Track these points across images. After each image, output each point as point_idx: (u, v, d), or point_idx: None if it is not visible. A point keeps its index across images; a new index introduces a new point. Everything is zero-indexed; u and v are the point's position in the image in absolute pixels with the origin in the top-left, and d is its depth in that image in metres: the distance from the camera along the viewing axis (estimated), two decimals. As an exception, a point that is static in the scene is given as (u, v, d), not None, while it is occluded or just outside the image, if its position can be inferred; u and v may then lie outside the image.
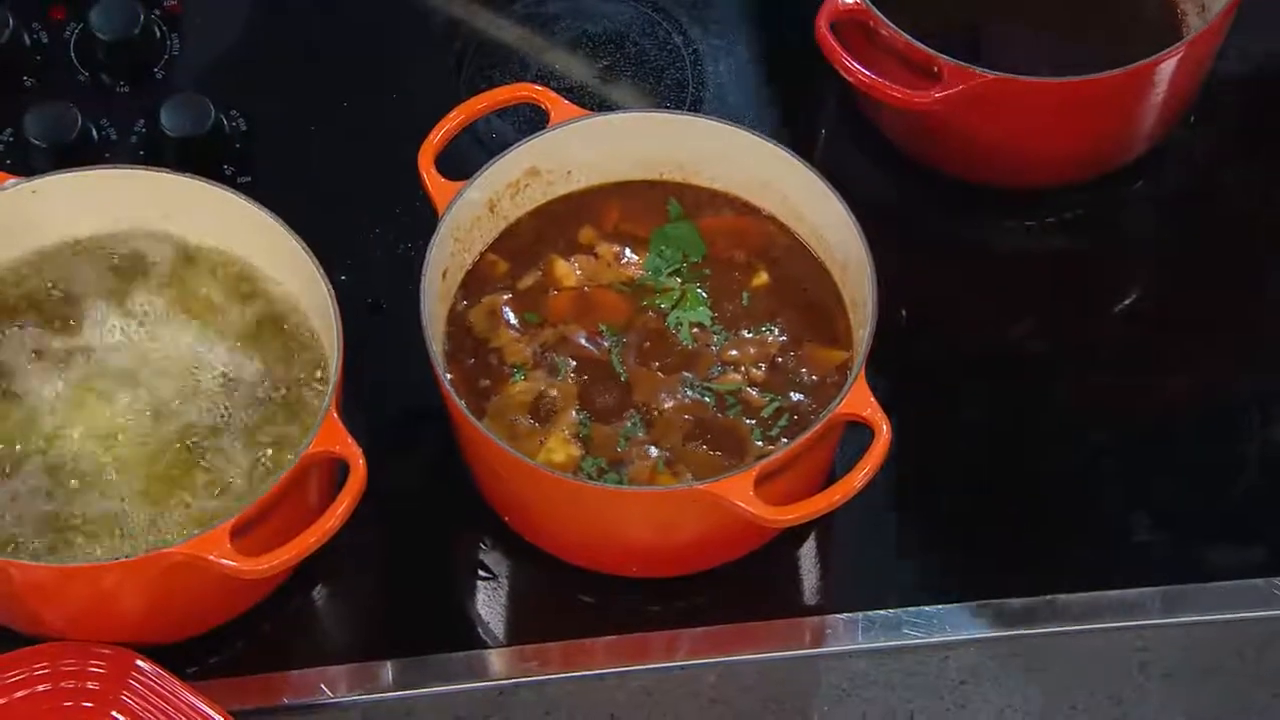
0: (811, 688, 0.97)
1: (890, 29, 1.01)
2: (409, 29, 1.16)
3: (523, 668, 0.97)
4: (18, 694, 0.92)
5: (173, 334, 0.98)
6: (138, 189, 0.99)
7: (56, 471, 0.94)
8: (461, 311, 1.00)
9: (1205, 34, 1.02)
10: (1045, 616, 0.98)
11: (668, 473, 0.95)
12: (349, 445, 0.90)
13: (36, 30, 1.14)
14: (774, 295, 1.00)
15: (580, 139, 1.01)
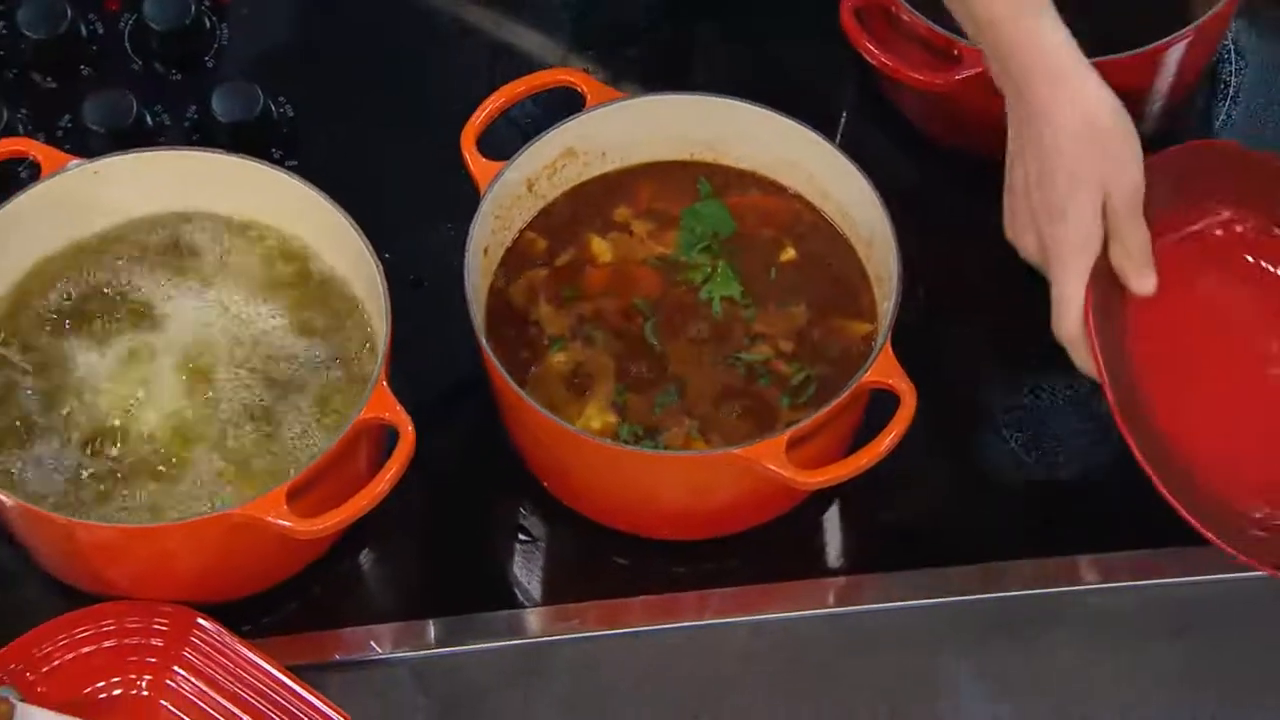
0: (835, 644, 0.97)
1: (911, 14, 1.01)
2: (446, 19, 1.15)
3: (561, 626, 0.97)
4: (85, 649, 0.92)
5: (226, 307, 0.98)
6: (194, 170, 0.99)
7: (118, 438, 0.94)
8: (502, 287, 1.00)
9: (1211, 20, 1.02)
10: (1059, 576, 0.97)
11: (700, 439, 0.95)
12: (398, 412, 0.90)
13: (93, 21, 1.14)
14: (801, 270, 1.00)
15: (614, 121, 1.01)
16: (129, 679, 0.92)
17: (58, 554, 0.95)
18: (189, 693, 0.92)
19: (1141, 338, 0.97)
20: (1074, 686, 0.95)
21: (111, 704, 0.92)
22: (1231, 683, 0.95)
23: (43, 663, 0.91)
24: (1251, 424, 0.98)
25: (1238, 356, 1.00)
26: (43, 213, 0.97)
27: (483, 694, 0.95)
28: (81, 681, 0.92)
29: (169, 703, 0.92)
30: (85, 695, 0.92)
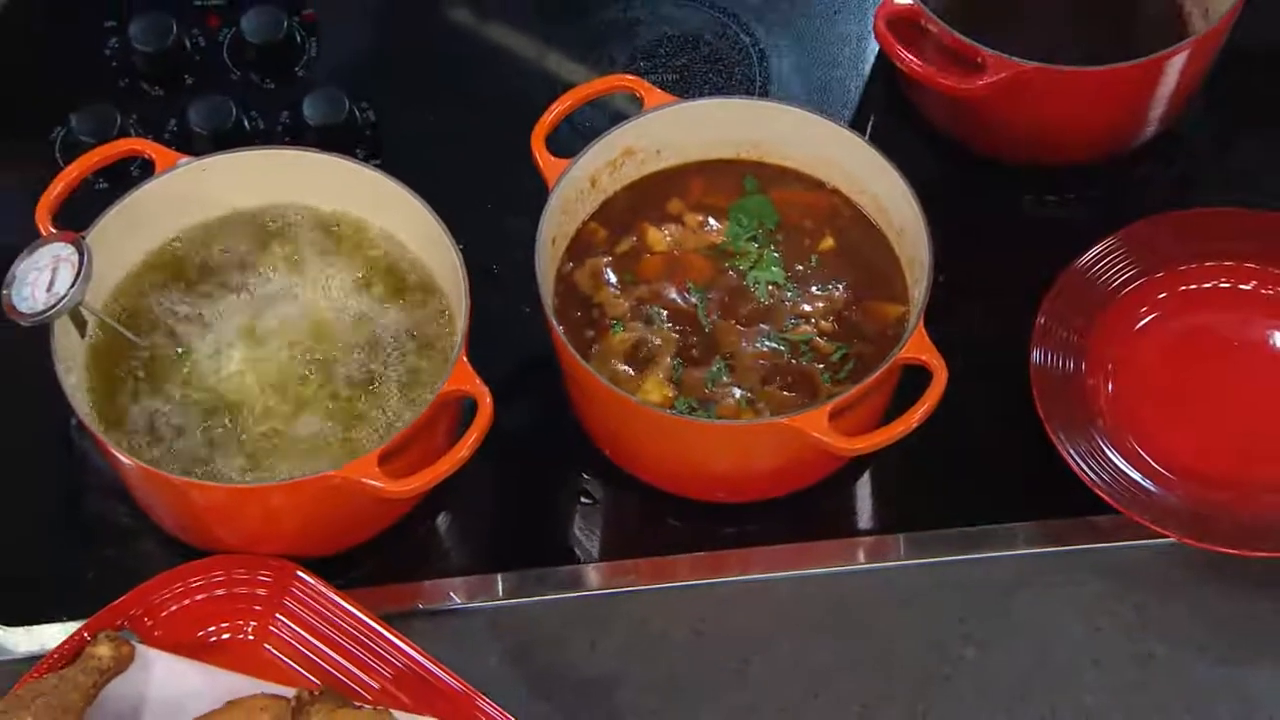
0: (873, 598, 0.96)
1: (939, 24, 1.00)
2: (514, 30, 1.15)
3: (620, 580, 0.97)
4: (198, 597, 0.92)
5: (321, 290, 0.98)
6: (295, 167, 0.99)
7: (226, 406, 0.94)
8: (568, 273, 1.00)
9: (1212, 32, 1.01)
10: (1078, 534, 0.97)
11: (749, 410, 0.95)
12: (478, 385, 0.90)
13: (195, 36, 1.14)
14: (839, 258, 0.99)
15: (669, 122, 1.00)
16: (236, 624, 0.93)
17: (172, 512, 0.95)
18: (289, 637, 0.92)
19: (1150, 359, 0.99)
20: (1086, 635, 0.95)
21: (220, 646, 0.92)
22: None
23: (159, 609, 0.92)
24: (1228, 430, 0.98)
25: (1217, 377, 1.00)
26: (157, 205, 0.98)
27: (549, 641, 0.95)
28: (193, 626, 0.92)
29: (271, 646, 0.92)
30: (197, 639, 0.92)
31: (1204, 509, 0.95)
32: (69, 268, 0.90)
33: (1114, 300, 1.01)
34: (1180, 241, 1.02)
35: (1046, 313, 0.99)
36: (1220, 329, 1.01)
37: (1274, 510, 0.95)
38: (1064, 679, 0.94)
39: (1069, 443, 0.96)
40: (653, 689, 0.94)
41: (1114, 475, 0.96)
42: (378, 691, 0.91)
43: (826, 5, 1.16)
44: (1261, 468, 0.97)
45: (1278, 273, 1.01)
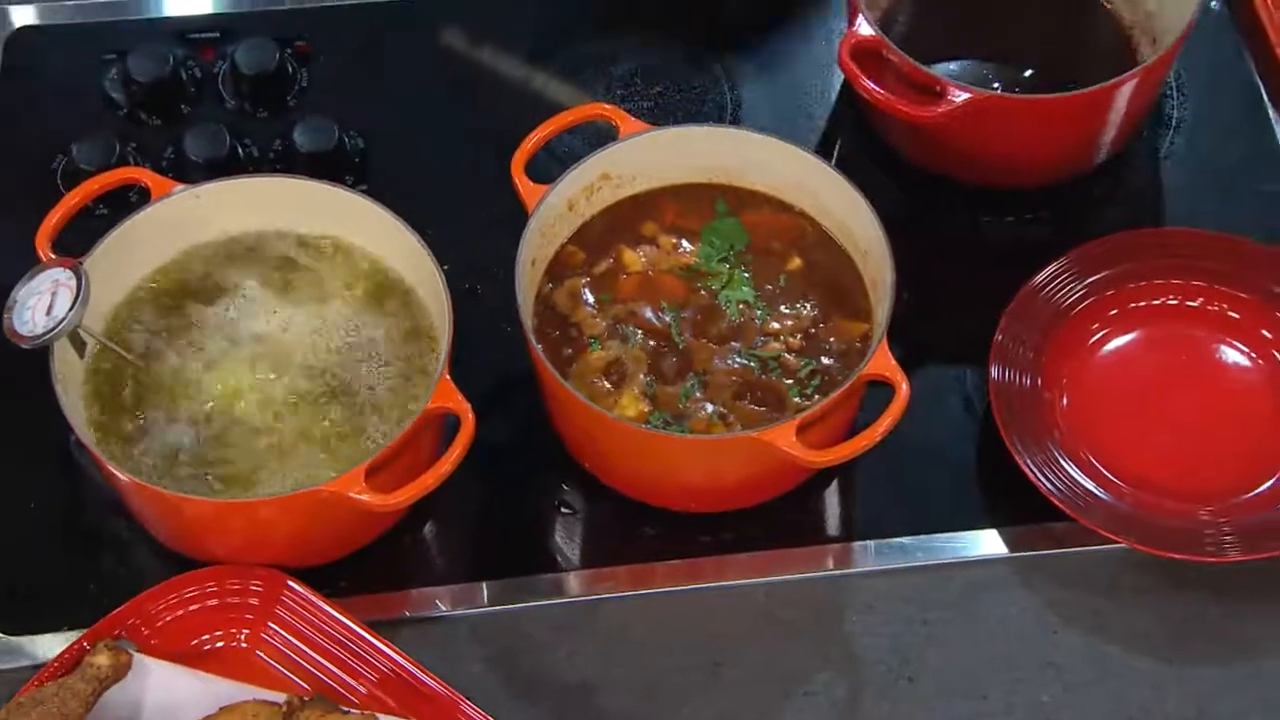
0: (841, 602, 0.96)
1: (900, 55, 1.00)
2: (497, 61, 1.15)
3: (598, 587, 0.96)
4: (191, 607, 0.92)
5: (310, 310, 0.98)
6: (285, 194, 0.99)
7: (217, 424, 0.94)
8: (547, 293, 0.99)
9: (1158, 62, 1.01)
10: (1036, 541, 0.97)
11: (721, 424, 0.94)
12: (460, 402, 0.90)
13: (192, 68, 1.13)
14: (806, 278, 0.99)
15: (643, 149, 1.00)
16: (229, 633, 0.92)
17: (166, 525, 0.95)
18: (280, 645, 0.92)
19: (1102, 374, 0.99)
20: (1043, 636, 0.95)
21: (214, 654, 0.91)
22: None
23: (155, 619, 0.91)
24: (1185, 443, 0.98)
25: (1165, 389, 1.00)
26: (153, 231, 0.97)
27: (530, 647, 0.95)
28: (188, 635, 0.91)
29: (263, 653, 0.92)
30: (191, 647, 0.91)
31: (1154, 516, 0.95)
32: (68, 292, 0.90)
33: (1067, 318, 1.01)
34: (1129, 260, 1.01)
35: (1004, 330, 0.99)
36: (1169, 344, 1.01)
37: (1220, 517, 0.95)
38: (1022, 679, 0.93)
39: (1027, 454, 0.96)
40: (631, 693, 0.94)
41: (1069, 484, 0.95)
42: (365, 696, 0.90)
43: (794, 36, 1.16)
44: (1208, 476, 0.97)
45: (1223, 289, 1.01)
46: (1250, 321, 1.00)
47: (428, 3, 1.17)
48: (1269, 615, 0.95)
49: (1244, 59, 1.13)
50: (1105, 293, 1.01)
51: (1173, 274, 1.01)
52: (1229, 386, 1.00)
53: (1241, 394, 0.99)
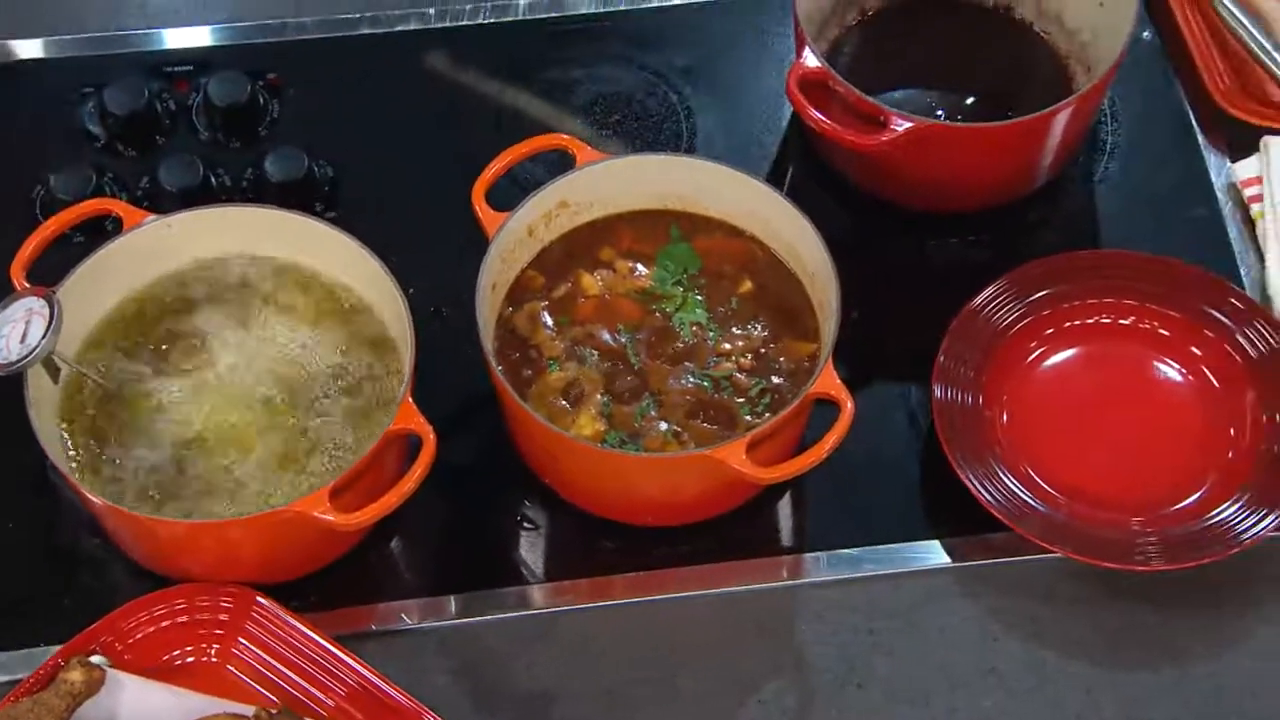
0: (792, 612, 0.96)
1: (845, 86, 1.00)
2: (461, 92, 1.14)
3: (560, 599, 0.96)
4: (163, 624, 0.91)
5: (277, 335, 0.97)
6: (253, 222, 0.98)
7: (187, 444, 0.93)
8: (507, 316, 0.99)
9: (1092, 90, 1.02)
10: (977, 551, 0.97)
11: (675, 443, 0.94)
12: (422, 424, 0.89)
13: (166, 100, 1.13)
14: (756, 300, 0.99)
15: (600, 177, 1.00)
16: (200, 648, 0.91)
17: (138, 545, 0.94)
18: (250, 659, 0.91)
19: (1041, 391, 0.99)
20: (984, 643, 0.94)
21: (185, 669, 0.91)
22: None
23: (128, 635, 0.91)
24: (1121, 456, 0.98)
25: (1101, 405, 1.00)
26: (124, 259, 0.96)
27: (493, 658, 0.94)
28: (160, 651, 0.91)
29: (234, 667, 0.91)
30: (163, 662, 0.91)
31: (1088, 526, 0.95)
32: (41, 320, 0.89)
33: (1005, 338, 1.01)
34: (1064, 282, 1.02)
35: (946, 351, 0.99)
36: (1104, 361, 1.01)
37: (1149, 527, 0.95)
38: (964, 685, 0.93)
39: (968, 468, 0.96)
40: (590, 701, 0.93)
41: (1009, 497, 0.95)
42: (333, 709, 0.90)
43: (747, 67, 1.16)
44: (1140, 488, 0.97)
45: (1154, 308, 1.02)
46: (1180, 339, 1.01)
47: (394, 37, 1.16)
48: (1198, 623, 0.95)
49: (1174, 87, 1.13)
50: (1042, 313, 1.01)
51: (1106, 294, 1.02)
52: (1161, 402, 1.00)
53: (1173, 409, 1.00)
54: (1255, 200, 1.06)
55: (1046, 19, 1.11)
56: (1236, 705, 0.92)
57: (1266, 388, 0.98)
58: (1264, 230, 1.05)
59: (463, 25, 1.16)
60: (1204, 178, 1.09)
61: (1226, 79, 1.10)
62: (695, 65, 1.15)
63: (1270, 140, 1.07)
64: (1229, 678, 0.93)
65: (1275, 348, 0.99)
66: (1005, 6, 1.12)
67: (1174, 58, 1.13)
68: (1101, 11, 1.06)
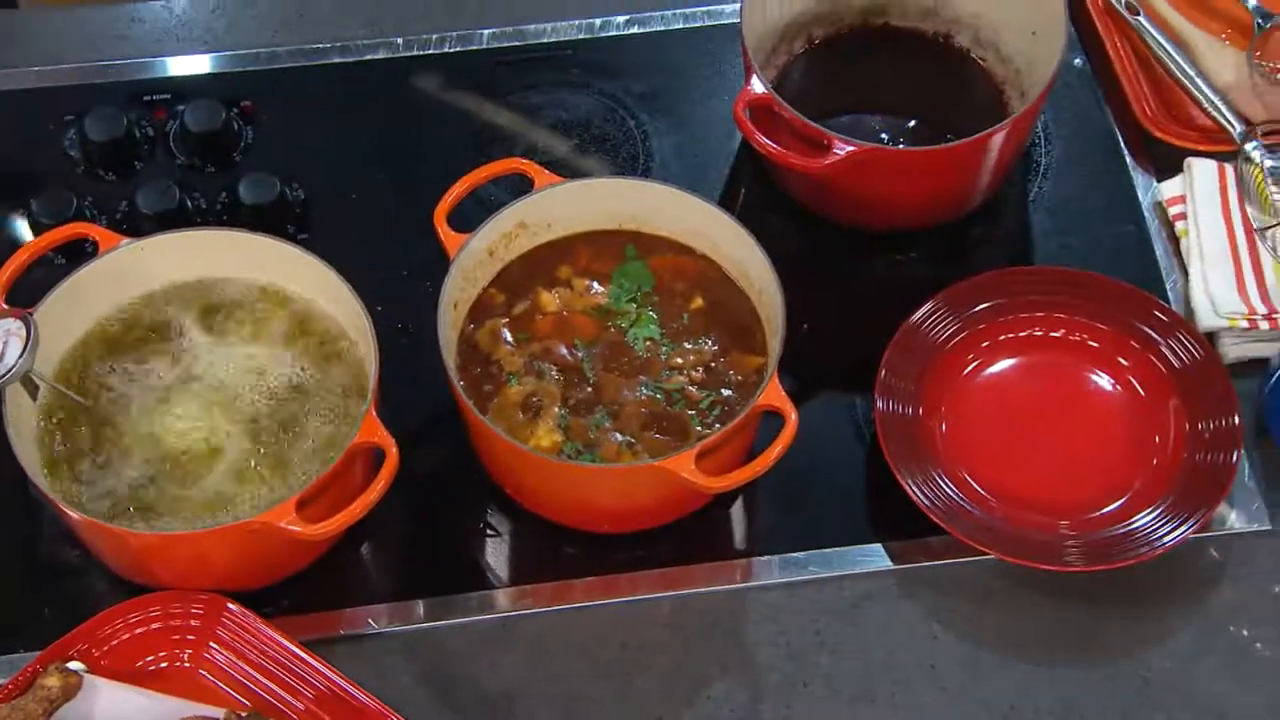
0: (743, 613, 0.96)
1: (790, 112, 1.00)
2: (427, 118, 1.14)
3: (522, 603, 0.96)
4: (137, 631, 0.91)
5: (248, 353, 0.97)
6: (225, 245, 0.98)
7: (162, 460, 0.93)
8: (469, 333, 0.99)
9: (1025, 114, 1.02)
10: (918, 554, 0.97)
11: (629, 453, 0.94)
12: (385, 437, 0.89)
13: (144, 127, 1.12)
14: (707, 316, 0.99)
15: (557, 199, 1.00)
16: (173, 653, 0.91)
17: (115, 555, 0.94)
18: (221, 663, 0.91)
19: (977, 401, 1.00)
20: (924, 641, 0.95)
21: (159, 674, 0.90)
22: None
23: (104, 642, 0.90)
24: (1046, 460, 0.99)
25: (1034, 414, 1.00)
26: (100, 281, 0.96)
27: (457, 660, 0.94)
28: (135, 656, 0.90)
29: (206, 671, 0.91)
30: (138, 667, 0.90)
31: (1020, 529, 0.95)
32: (18, 341, 0.89)
33: (943, 351, 1.01)
34: (997, 296, 1.02)
35: (887, 365, 0.99)
36: (1036, 372, 1.02)
37: (1082, 530, 0.96)
38: (905, 681, 0.93)
39: (909, 475, 0.96)
40: (549, 701, 0.93)
41: (946, 502, 0.96)
42: (302, 711, 0.89)
43: (700, 93, 1.16)
44: (1069, 493, 0.97)
45: (1083, 321, 1.02)
46: (1109, 351, 1.01)
47: (364, 66, 1.16)
48: (1126, 620, 0.95)
49: (1104, 112, 1.13)
50: (977, 327, 1.01)
51: (1038, 308, 1.02)
52: (1090, 411, 1.00)
53: (1101, 418, 1.00)
54: (1179, 218, 1.07)
55: (983, 47, 1.11)
56: (1162, 700, 0.93)
57: (1189, 397, 0.99)
58: (1187, 247, 1.06)
59: (429, 54, 1.16)
60: (1131, 197, 1.10)
61: (1153, 104, 1.10)
62: (651, 91, 1.15)
63: (1193, 161, 1.07)
64: (1155, 673, 0.93)
65: (1197, 358, 0.99)
66: (945, 35, 1.12)
67: (1104, 84, 1.14)
68: (1034, 40, 1.06)
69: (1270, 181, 1.02)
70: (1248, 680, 0.93)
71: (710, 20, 1.17)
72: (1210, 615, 0.95)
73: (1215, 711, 0.92)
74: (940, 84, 1.11)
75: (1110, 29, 1.13)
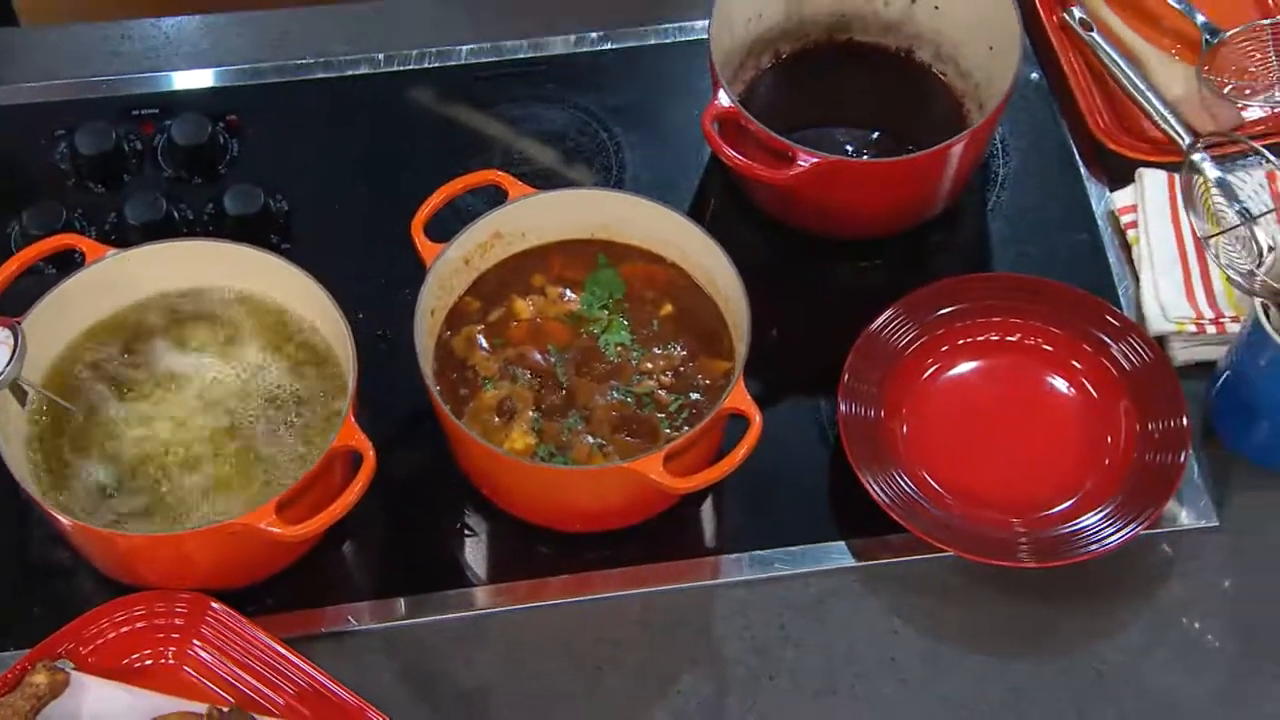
0: (710, 609, 0.96)
1: (755, 125, 1.00)
2: (408, 132, 1.14)
3: (497, 600, 0.96)
4: (122, 629, 0.91)
5: (231, 359, 0.97)
6: (208, 255, 0.98)
7: (148, 464, 0.93)
8: (446, 339, 0.99)
9: (982, 125, 1.02)
10: (879, 551, 0.97)
11: (600, 455, 0.94)
12: (362, 441, 0.89)
13: (132, 140, 1.12)
14: (676, 322, 0.99)
15: (530, 210, 1.00)
16: (158, 651, 0.91)
17: (102, 556, 0.94)
18: (205, 660, 0.91)
19: (936, 403, 1.00)
20: (884, 635, 0.95)
21: (144, 671, 0.90)
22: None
23: (91, 640, 0.90)
24: (1000, 460, 0.99)
25: (992, 416, 1.01)
26: (86, 291, 0.96)
27: (434, 656, 0.94)
28: (121, 654, 0.90)
29: (189, 668, 0.91)
30: (124, 664, 0.90)
31: (977, 527, 0.96)
32: (6, 349, 0.89)
33: (903, 356, 1.01)
34: (955, 302, 1.02)
35: (850, 369, 1.00)
36: (993, 375, 1.02)
37: (1034, 527, 0.96)
38: (866, 674, 0.94)
39: (870, 475, 0.96)
40: (523, 694, 0.93)
41: (906, 501, 0.96)
42: (283, 707, 0.89)
43: (672, 107, 1.16)
44: (1023, 493, 0.97)
45: (1038, 325, 1.02)
46: (1063, 354, 1.02)
47: (346, 81, 1.16)
48: (1080, 614, 0.95)
49: (1059, 124, 1.14)
50: (936, 332, 1.02)
51: (994, 314, 1.02)
52: (1045, 412, 1.01)
53: (1056, 419, 1.00)
54: (1131, 226, 1.07)
55: (943, 62, 1.12)
56: (1113, 692, 0.93)
57: (1140, 399, 0.99)
58: (1139, 254, 1.06)
59: (409, 69, 1.16)
60: (1085, 206, 1.10)
61: (1106, 116, 1.11)
62: (624, 105, 1.15)
63: (1144, 172, 1.08)
64: (1107, 666, 0.94)
65: (1148, 361, 1.00)
66: (907, 50, 1.13)
67: (1059, 97, 1.14)
68: (991, 55, 1.07)
69: (1216, 192, 1.02)
70: (1198, 672, 0.93)
71: (681, 37, 1.18)
72: (1161, 609, 0.95)
73: (1166, 703, 0.92)
74: (902, 97, 1.12)
75: (1065, 45, 1.14)
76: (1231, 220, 1.00)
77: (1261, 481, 0.99)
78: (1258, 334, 0.92)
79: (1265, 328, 0.91)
